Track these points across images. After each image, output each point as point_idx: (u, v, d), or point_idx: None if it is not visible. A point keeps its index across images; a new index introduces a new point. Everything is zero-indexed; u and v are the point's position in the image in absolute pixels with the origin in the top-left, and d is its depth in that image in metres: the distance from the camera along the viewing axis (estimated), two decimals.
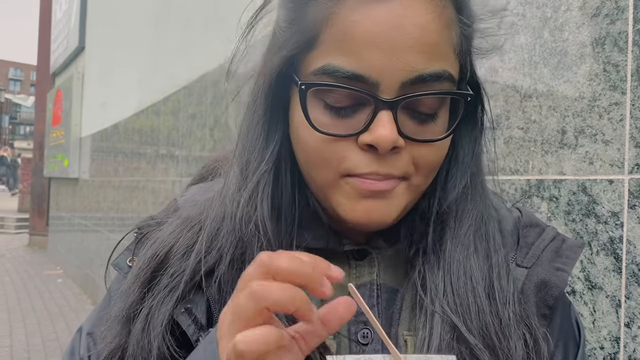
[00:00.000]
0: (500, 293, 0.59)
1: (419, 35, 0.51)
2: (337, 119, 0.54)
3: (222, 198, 0.62)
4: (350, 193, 0.55)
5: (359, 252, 0.63)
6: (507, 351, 0.57)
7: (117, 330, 0.59)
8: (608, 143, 0.99)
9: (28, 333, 5.28)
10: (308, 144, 0.56)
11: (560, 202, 1.08)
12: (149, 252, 0.61)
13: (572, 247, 0.65)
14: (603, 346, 0.99)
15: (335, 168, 0.55)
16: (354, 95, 0.53)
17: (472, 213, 0.62)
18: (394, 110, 0.52)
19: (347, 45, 0.52)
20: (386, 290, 0.62)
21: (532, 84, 1.16)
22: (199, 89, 3.51)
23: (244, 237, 0.59)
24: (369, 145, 0.53)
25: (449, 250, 0.60)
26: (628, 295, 0.95)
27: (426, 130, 0.55)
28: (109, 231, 6.00)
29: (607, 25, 1.00)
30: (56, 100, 9.03)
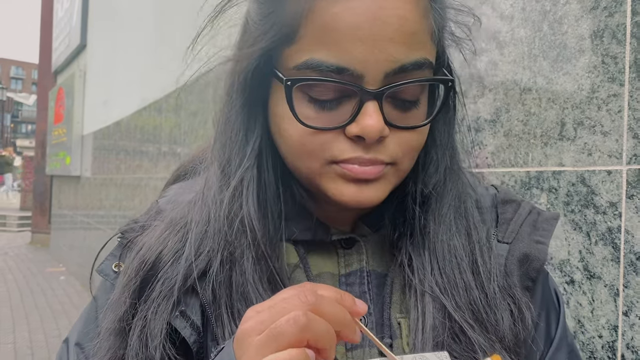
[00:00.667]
0: (483, 268, 0.61)
1: (399, 25, 0.52)
2: (322, 111, 0.54)
3: (204, 198, 0.62)
4: (336, 178, 0.56)
5: (346, 241, 0.63)
6: (494, 323, 0.59)
7: (111, 343, 0.58)
8: (606, 134, 1.01)
9: (31, 330, 5.30)
10: (292, 137, 0.56)
11: (560, 193, 1.09)
12: (136, 260, 0.60)
13: (548, 220, 0.66)
14: (601, 334, 1.01)
15: (320, 157, 0.56)
16: (338, 88, 0.53)
17: (451, 193, 0.63)
18: (379, 100, 0.53)
19: (328, 38, 0.52)
20: (376, 276, 0.63)
21: (531, 76, 1.17)
22: (201, 86, 3.52)
23: (230, 237, 0.58)
24: (357, 136, 0.54)
25: (432, 231, 0.62)
26: (626, 284, 0.96)
27: (409, 116, 0.56)
28: (111, 229, 6.02)
29: (606, 18, 1.01)
30: (58, 98, 9.05)
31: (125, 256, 0.64)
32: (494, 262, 0.62)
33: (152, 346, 0.55)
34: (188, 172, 0.76)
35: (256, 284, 0.57)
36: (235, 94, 0.60)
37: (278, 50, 0.56)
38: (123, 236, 0.66)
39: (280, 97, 0.56)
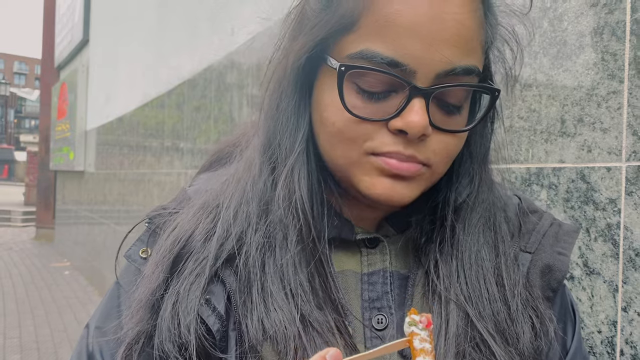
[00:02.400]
0: (508, 281, 0.62)
1: (456, 29, 0.53)
2: (369, 102, 0.55)
3: (240, 181, 0.63)
4: (372, 171, 0.57)
5: (370, 241, 0.64)
6: (515, 335, 0.59)
7: (141, 316, 0.59)
8: (606, 131, 1.01)
9: (36, 324, 5.34)
10: (335, 124, 0.56)
11: (560, 189, 1.10)
12: (170, 238, 0.62)
13: (569, 232, 0.67)
14: (600, 330, 1.02)
15: (360, 146, 0.56)
16: (388, 81, 0.54)
17: (482, 205, 0.64)
18: (427, 98, 0.54)
19: (386, 31, 0.53)
20: (398, 277, 0.64)
21: (532, 73, 1.17)
22: (204, 82, 3.53)
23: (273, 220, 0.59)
24: (399, 130, 0.54)
25: (462, 240, 0.62)
26: (625, 280, 0.97)
27: (452, 121, 0.57)
28: (116, 223, 6.04)
29: (606, 15, 1.02)
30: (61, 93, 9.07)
31: (153, 242, 0.65)
32: (519, 277, 0.63)
33: (184, 323, 0.56)
34: (223, 157, 0.76)
35: (296, 267, 0.58)
36: (287, 81, 0.60)
37: (334, 38, 0.57)
38: (151, 222, 0.67)
39: (328, 86, 0.57)
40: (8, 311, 5.78)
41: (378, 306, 0.62)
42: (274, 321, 0.56)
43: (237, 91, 2.98)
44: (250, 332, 0.56)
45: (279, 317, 0.56)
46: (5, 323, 5.36)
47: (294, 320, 0.55)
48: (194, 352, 0.55)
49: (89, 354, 0.64)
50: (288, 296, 0.57)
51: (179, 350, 0.56)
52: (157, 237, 0.65)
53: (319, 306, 0.57)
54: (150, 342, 0.58)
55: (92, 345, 0.64)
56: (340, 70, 0.54)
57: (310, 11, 0.59)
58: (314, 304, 0.57)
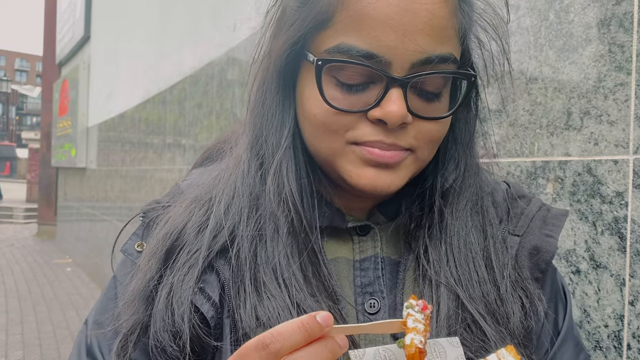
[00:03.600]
0: (497, 263, 0.63)
1: (428, 19, 0.55)
2: (348, 94, 0.57)
3: (230, 176, 0.64)
4: (356, 160, 0.58)
5: (361, 228, 0.65)
6: (505, 315, 0.61)
7: (136, 307, 0.60)
8: (613, 124, 1.00)
9: (39, 321, 5.35)
10: (317, 116, 0.58)
11: (566, 183, 1.09)
12: (163, 230, 0.63)
13: (557, 216, 0.69)
14: (607, 324, 1.01)
15: (342, 136, 0.58)
16: (366, 73, 0.56)
17: (469, 189, 0.66)
18: (404, 88, 0.55)
19: (361, 25, 0.55)
20: (389, 262, 0.65)
21: (537, 66, 1.16)
22: (205, 77, 3.52)
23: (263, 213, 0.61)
24: (379, 120, 0.56)
25: (450, 225, 0.64)
26: (632, 274, 0.96)
27: (431, 108, 0.58)
28: (117, 220, 6.05)
29: (613, 6, 1.00)
30: (62, 90, 9.06)
31: (147, 235, 0.66)
32: (508, 259, 0.64)
33: (178, 312, 0.57)
34: (213, 154, 0.78)
35: (289, 258, 0.59)
36: (271, 78, 0.63)
37: (312, 35, 0.59)
38: (145, 216, 0.68)
39: (309, 80, 0.59)
40: (10, 308, 5.79)
41: (370, 291, 0.63)
42: (267, 309, 0.56)
43: (239, 87, 2.97)
44: (244, 320, 0.57)
45: (272, 305, 0.57)
46: (8, 319, 5.37)
47: (287, 307, 0.56)
48: (188, 341, 0.56)
49: (87, 347, 0.65)
50: (281, 286, 0.58)
51: (174, 339, 0.57)
52: (151, 231, 0.66)
53: (312, 294, 0.58)
54: (145, 332, 0.59)
55: (90, 339, 0.65)
56: (318, 64, 0.56)
57: (289, 9, 0.61)
58: (307, 292, 0.58)
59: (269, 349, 0.44)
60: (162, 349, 0.57)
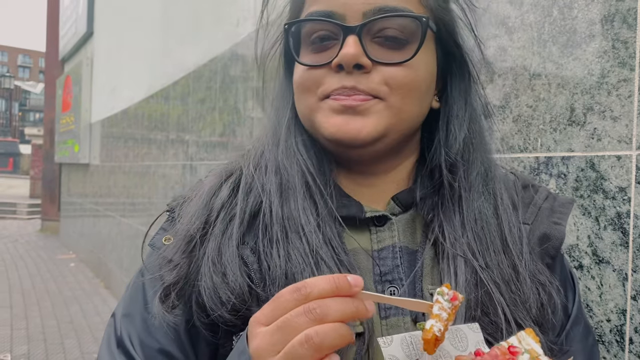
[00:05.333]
0: (512, 244, 0.65)
1: None
2: (318, 54, 0.65)
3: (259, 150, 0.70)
4: (327, 111, 0.63)
5: (378, 219, 0.67)
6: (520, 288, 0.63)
7: (178, 262, 0.63)
8: (616, 119, 1.01)
9: (43, 316, 5.38)
10: (297, 79, 0.66)
11: (569, 178, 1.10)
12: (194, 199, 0.68)
13: (563, 204, 0.72)
14: (610, 319, 1.02)
15: (315, 93, 0.64)
16: (328, 31, 0.63)
17: (477, 161, 0.69)
18: (359, 33, 0.61)
19: None
20: (407, 251, 0.67)
21: (541, 62, 1.17)
22: (209, 73, 3.53)
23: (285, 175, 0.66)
24: (339, 67, 0.62)
25: (463, 197, 0.67)
26: (635, 269, 0.97)
27: (395, 54, 0.63)
28: (121, 215, 6.06)
29: (616, 2, 1.01)
30: (65, 86, 9.07)
31: (174, 228, 0.69)
32: (524, 245, 0.66)
33: (226, 258, 0.61)
34: None
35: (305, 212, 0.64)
36: (280, 67, 0.73)
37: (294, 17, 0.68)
38: (172, 210, 0.71)
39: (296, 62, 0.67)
40: (15, 303, 5.82)
41: (390, 279, 0.65)
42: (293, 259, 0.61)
43: (242, 83, 2.97)
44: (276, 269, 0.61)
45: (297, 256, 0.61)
46: (12, 314, 5.39)
47: (307, 255, 0.61)
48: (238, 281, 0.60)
49: (117, 339, 0.66)
50: (301, 236, 0.62)
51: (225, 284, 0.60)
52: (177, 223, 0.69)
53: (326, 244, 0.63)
54: (189, 283, 0.63)
55: (121, 330, 0.66)
56: (285, 28, 0.66)
57: None
58: (322, 241, 0.62)
59: (300, 292, 0.48)
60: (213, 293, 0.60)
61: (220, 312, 0.60)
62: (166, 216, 0.72)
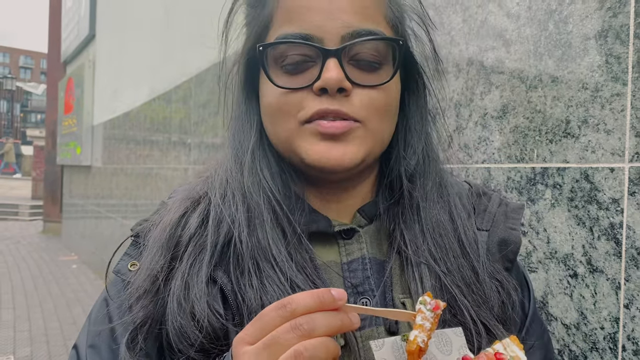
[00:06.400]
0: (469, 247, 0.68)
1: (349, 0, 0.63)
2: (293, 77, 0.64)
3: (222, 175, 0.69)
4: (309, 137, 0.63)
5: (346, 232, 0.69)
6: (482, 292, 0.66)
7: (144, 302, 0.62)
8: (610, 132, 1.03)
9: (45, 317, 5.40)
10: (272, 103, 0.65)
11: (564, 189, 1.12)
12: (159, 227, 0.67)
13: (515, 210, 0.75)
14: (603, 326, 1.04)
15: (295, 117, 0.64)
16: (304, 54, 0.63)
17: (432, 173, 0.72)
18: (338, 56, 0.62)
19: (292, 16, 0.64)
20: (375, 262, 0.69)
21: (537, 74, 1.19)
22: (211, 78, 3.55)
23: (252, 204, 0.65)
24: (322, 90, 0.62)
25: (420, 206, 0.69)
26: (627, 278, 1.00)
27: (371, 77, 0.64)
28: (123, 217, 6.09)
29: (610, 18, 1.04)
30: (68, 88, 9.10)
31: (140, 254, 0.68)
32: (480, 248, 0.69)
33: (195, 296, 0.60)
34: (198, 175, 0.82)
35: (275, 241, 0.63)
36: (238, 90, 0.72)
37: (261, 39, 0.67)
38: (137, 235, 0.70)
39: (263, 77, 0.66)
40: (17, 304, 5.85)
41: (361, 290, 0.66)
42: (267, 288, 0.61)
43: None
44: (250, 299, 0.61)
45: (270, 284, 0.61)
46: (15, 316, 5.42)
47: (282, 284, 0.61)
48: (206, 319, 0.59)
49: None
50: (275, 268, 0.62)
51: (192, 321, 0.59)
52: (143, 247, 0.68)
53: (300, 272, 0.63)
54: (156, 324, 0.61)
55: None
56: (259, 50, 0.64)
57: (245, 27, 0.71)
58: (295, 269, 0.62)
59: (286, 308, 0.49)
60: (180, 334, 0.59)
61: (190, 352, 0.59)
62: (130, 241, 0.71)
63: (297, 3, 0.63)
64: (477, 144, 1.36)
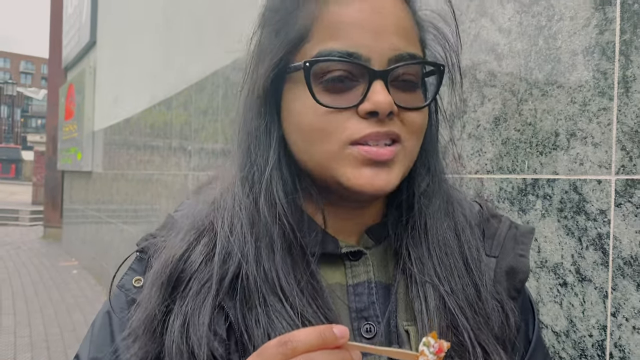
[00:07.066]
0: (472, 261, 0.68)
1: (397, 20, 0.62)
2: (336, 95, 0.61)
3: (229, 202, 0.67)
4: (353, 162, 0.61)
5: (353, 254, 0.69)
6: (484, 312, 0.66)
7: (142, 341, 0.61)
8: (597, 146, 1.07)
9: (46, 323, 5.43)
10: (312, 124, 0.62)
11: (554, 200, 1.16)
12: (161, 260, 0.64)
13: (524, 234, 0.74)
14: (592, 334, 1.07)
15: (339, 138, 0.61)
16: (350, 71, 0.61)
17: (440, 192, 0.71)
18: (385, 79, 0.61)
19: (337, 32, 0.61)
20: (381, 286, 0.69)
21: (528, 88, 1.23)
22: (211, 86, 3.59)
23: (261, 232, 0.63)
24: (369, 113, 0.60)
25: (428, 226, 0.69)
26: (614, 287, 1.03)
27: (411, 99, 0.64)
28: (123, 223, 6.12)
29: (597, 36, 1.07)
30: (68, 94, 9.15)
31: (145, 270, 0.67)
32: (484, 269, 0.69)
33: (195, 340, 0.59)
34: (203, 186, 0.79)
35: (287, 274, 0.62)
36: (255, 103, 0.66)
37: (293, 53, 0.63)
38: (142, 250, 0.69)
39: (296, 94, 0.63)
40: (18, 310, 5.87)
41: (366, 316, 0.66)
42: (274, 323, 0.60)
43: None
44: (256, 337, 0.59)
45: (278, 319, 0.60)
46: (16, 322, 5.44)
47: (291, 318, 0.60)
48: None
49: None
50: (283, 301, 0.61)
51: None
52: (149, 265, 0.67)
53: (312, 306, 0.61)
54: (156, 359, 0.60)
55: None
56: (306, 66, 0.61)
57: (265, 41, 0.66)
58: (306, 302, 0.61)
59: (287, 346, 0.49)
60: None
61: None
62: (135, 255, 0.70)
63: (344, 19, 0.61)
64: (470, 154, 1.40)
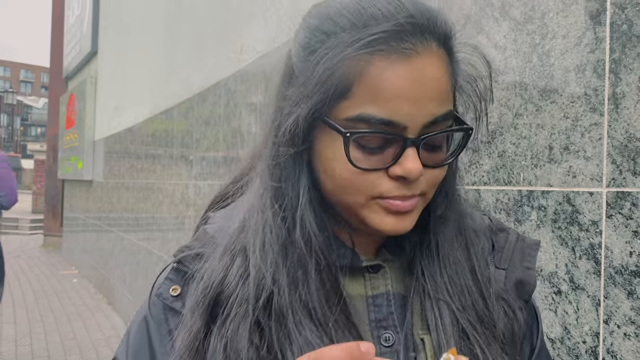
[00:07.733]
0: (481, 275, 0.73)
1: (436, 87, 0.65)
2: (369, 155, 0.65)
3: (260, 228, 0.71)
4: (379, 211, 0.67)
5: (372, 267, 0.74)
6: (492, 322, 0.71)
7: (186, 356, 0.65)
8: (589, 159, 1.11)
9: (47, 332, 5.45)
10: (342, 175, 0.66)
11: (548, 211, 1.20)
12: (202, 284, 0.69)
13: (531, 246, 0.78)
14: (585, 341, 1.11)
15: (367, 193, 0.66)
16: (385, 137, 0.65)
17: (453, 215, 0.76)
18: (418, 146, 0.65)
19: (378, 97, 0.63)
20: (399, 297, 0.74)
21: (522, 103, 1.27)
22: (213, 97, 3.64)
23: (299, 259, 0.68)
24: (399, 176, 0.65)
25: (440, 246, 0.74)
26: (606, 295, 1.07)
27: (436, 156, 0.68)
28: (123, 231, 6.15)
29: (588, 54, 1.12)
30: (69, 103, 9.21)
31: (181, 280, 0.72)
32: (491, 274, 0.74)
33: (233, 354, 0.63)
34: (229, 194, 0.84)
35: (320, 300, 0.66)
36: (285, 136, 0.69)
37: (330, 104, 0.66)
38: (180, 262, 0.73)
39: (329, 141, 0.67)
40: (19, 319, 5.89)
41: (384, 325, 0.71)
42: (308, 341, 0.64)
43: (245, 108, 3.09)
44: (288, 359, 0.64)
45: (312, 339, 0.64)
46: (16, 330, 5.46)
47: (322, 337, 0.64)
48: None
49: None
50: (317, 326, 0.65)
51: None
52: (186, 277, 0.72)
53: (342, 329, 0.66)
54: None
55: None
56: (346, 136, 0.64)
57: (301, 75, 0.68)
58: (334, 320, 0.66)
59: None
60: None
61: None
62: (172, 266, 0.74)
63: (388, 88, 0.62)
64: (467, 167, 1.44)
